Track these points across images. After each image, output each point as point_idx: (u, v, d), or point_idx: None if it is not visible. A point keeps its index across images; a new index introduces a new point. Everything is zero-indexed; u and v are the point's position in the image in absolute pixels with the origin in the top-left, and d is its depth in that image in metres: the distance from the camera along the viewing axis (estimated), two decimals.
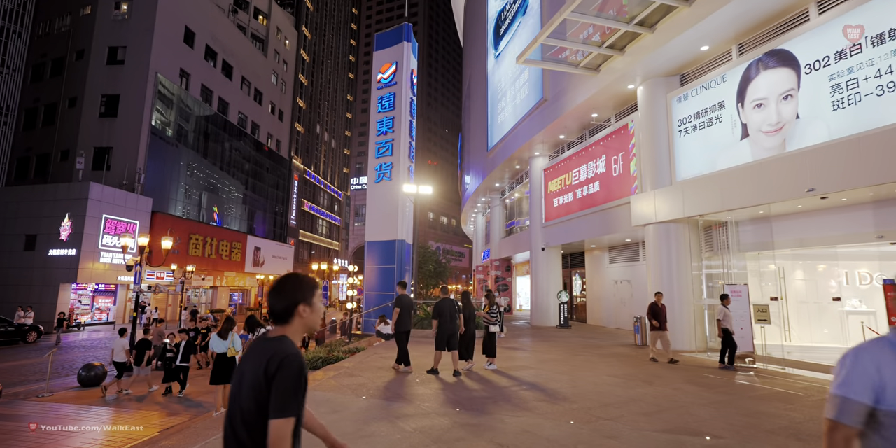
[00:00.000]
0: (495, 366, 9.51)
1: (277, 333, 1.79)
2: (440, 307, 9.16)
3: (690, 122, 12.62)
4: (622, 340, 14.62)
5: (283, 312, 1.81)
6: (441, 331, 9.01)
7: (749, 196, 10.50)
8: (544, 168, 21.15)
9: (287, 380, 1.64)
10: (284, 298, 1.81)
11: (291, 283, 1.84)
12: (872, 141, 8.47)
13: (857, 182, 8.65)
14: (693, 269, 12.84)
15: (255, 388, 1.66)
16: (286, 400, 1.62)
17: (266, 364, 1.66)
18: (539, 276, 20.86)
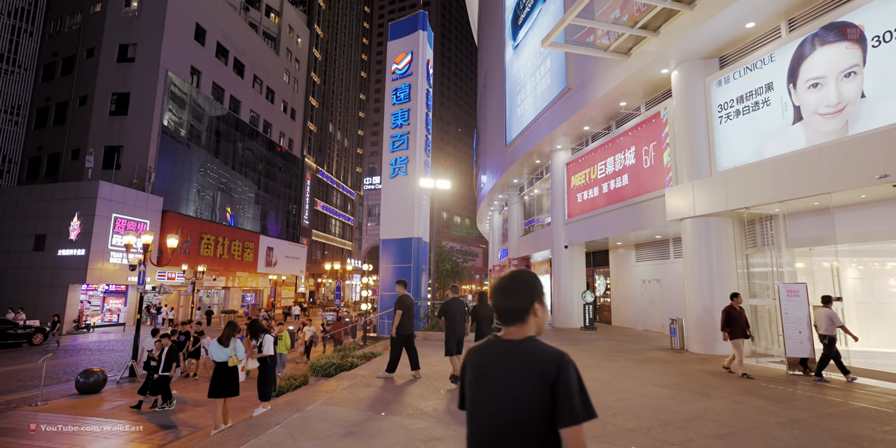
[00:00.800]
0: None
1: (518, 335, 1.69)
2: (448, 308, 8.45)
3: (732, 107, 11.59)
4: (656, 344, 13.61)
5: (522, 311, 1.71)
6: (450, 333, 8.32)
7: (805, 185, 9.46)
8: (567, 162, 20.15)
9: (573, 380, 1.56)
10: (522, 297, 1.72)
11: (524, 281, 1.73)
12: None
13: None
14: (737, 268, 11.79)
15: (528, 397, 1.53)
16: (585, 402, 1.52)
17: (541, 368, 1.55)
18: (561, 275, 19.88)
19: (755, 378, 8.37)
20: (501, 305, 1.71)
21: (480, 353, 1.68)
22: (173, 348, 8.46)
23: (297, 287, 52.56)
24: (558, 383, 1.49)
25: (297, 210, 53.89)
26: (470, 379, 1.64)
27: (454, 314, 8.42)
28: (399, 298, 8.68)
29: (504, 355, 1.60)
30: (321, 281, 62.16)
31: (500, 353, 1.62)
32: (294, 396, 6.97)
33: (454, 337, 8.33)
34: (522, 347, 1.61)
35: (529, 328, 1.71)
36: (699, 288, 11.88)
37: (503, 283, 1.73)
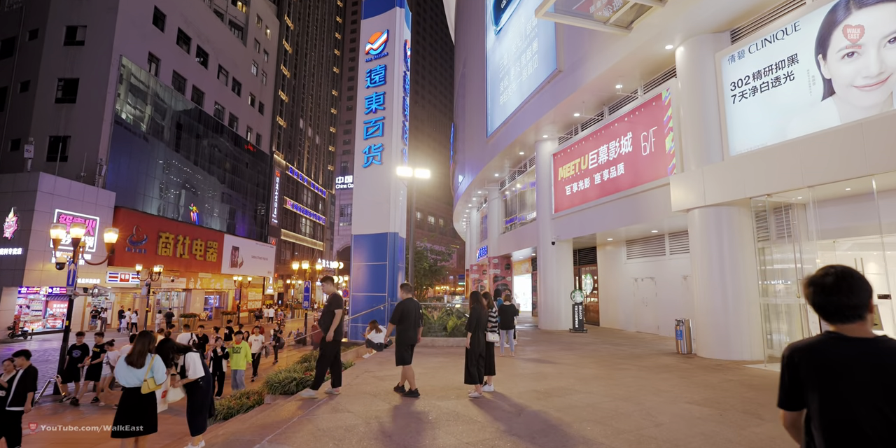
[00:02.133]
0: (492, 386, 7.31)
1: (862, 332, 1.61)
2: (405, 310, 7.13)
3: (748, 84, 10.41)
4: (658, 347, 12.36)
5: (862, 308, 1.62)
6: (404, 340, 7.07)
7: (843, 167, 8.28)
8: (554, 153, 18.87)
9: None
10: (859, 292, 1.62)
11: (856, 276, 1.64)
12: None
13: None
14: (754, 262, 10.61)
15: None
16: None
17: None
18: (548, 273, 18.57)
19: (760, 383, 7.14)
20: (833, 301, 1.62)
21: (827, 354, 1.59)
22: (30, 372, 6.29)
23: (264, 289, 50.12)
24: None
25: (265, 208, 51.44)
26: (821, 379, 1.57)
27: (410, 318, 7.11)
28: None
29: (867, 354, 1.55)
30: (291, 282, 59.76)
31: (859, 352, 1.55)
32: (237, 428, 5.33)
33: (407, 344, 7.06)
34: (885, 345, 1.56)
35: (869, 325, 1.63)
36: (710, 286, 10.66)
37: (830, 281, 1.64)
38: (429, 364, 9.69)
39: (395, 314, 7.10)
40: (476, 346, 6.88)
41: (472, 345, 6.87)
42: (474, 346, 6.87)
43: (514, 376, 8.33)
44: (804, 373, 1.62)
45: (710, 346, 10.51)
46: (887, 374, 1.51)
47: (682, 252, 15.16)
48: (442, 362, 9.92)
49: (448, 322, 13.55)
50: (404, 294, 7.32)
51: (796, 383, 1.66)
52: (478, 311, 7.03)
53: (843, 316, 1.62)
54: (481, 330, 7.03)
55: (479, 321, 6.99)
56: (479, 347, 6.93)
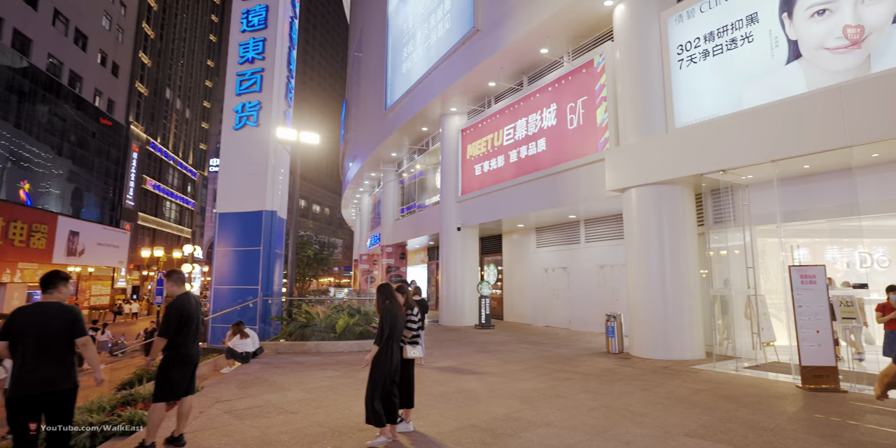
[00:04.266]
0: (411, 425, 4.86)
1: None
2: (182, 313, 4.33)
3: (699, 48, 9.16)
4: (582, 345, 10.92)
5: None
6: (175, 360, 4.31)
7: (816, 138, 7.17)
8: (463, 128, 16.90)
9: None
10: None
11: None
12: None
13: None
14: (696, 250, 9.45)
15: None
16: None
17: None
18: (451, 263, 16.63)
19: (770, 397, 5.79)
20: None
21: None
22: None
23: (114, 281, 42.61)
24: None
25: (118, 188, 43.62)
26: None
27: (192, 324, 4.40)
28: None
29: None
30: (148, 273, 51.95)
31: None
32: None
33: (183, 365, 4.36)
34: None
35: None
36: (648, 276, 9.32)
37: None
38: (311, 383, 7.08)
39: (170, 321, 4.26)
40: (386, 366, 4.49)
41: (379, 364, 4.48)
42: (383, 365, 4.48)
43: (433, 399, 6.07)
44: None
45: (647, 345, 9.17)
46: None
47: (600, 240, 14.03)
48: (331, 379, 7.37)
49: (338, 321, 10.94)
50: (175, 287, 4.51)
51: None
52: (392, 312, 4.62)
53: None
54: (396, 341, 4.65)
55: (395, 328, 4.60)
56: (391, 367, 4.55)
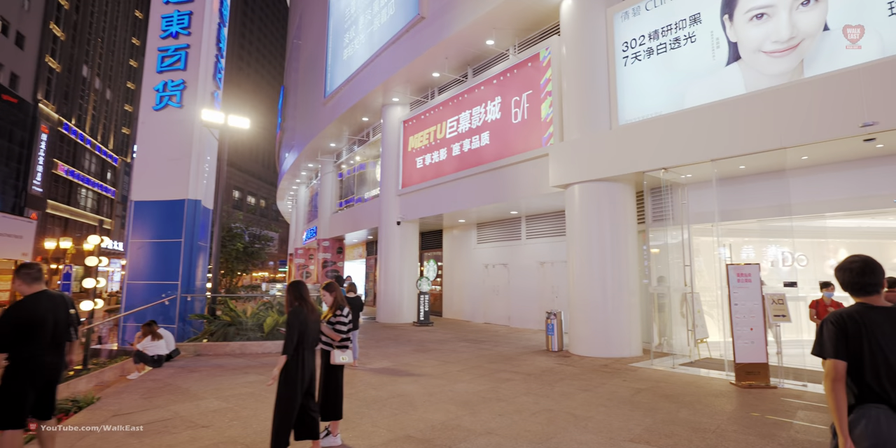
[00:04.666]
0: (339, 439, 4.33)
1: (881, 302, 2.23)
2: (32, 316, 3.55)
3: (643, 45, 9.17)
4: (522, 343, 10.79)
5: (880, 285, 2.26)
6: (21, 376, 3.48)
7: (756, 139, 7.29)
8: (405, 119, 16.38)
9: None
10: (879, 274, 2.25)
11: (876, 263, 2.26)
12: None
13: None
14: (637, 247, 9.50)
15: None
16: None
17: None
18: (390, 258, 16.12)
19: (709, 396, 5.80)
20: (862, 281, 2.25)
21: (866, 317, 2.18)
22: None
23: None
24: None
25: (23, 172, 39.41)
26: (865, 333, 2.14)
27: (46, 327, 3.59)
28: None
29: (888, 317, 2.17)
30: (57, 267, 47.52)
31: (885, 315, 2.18)
32: None
33: (33, 378, 3.53)
34: None
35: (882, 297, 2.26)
36: (589, 273, 9.27)
37: (857, 266, 2.27)
38: (230, 389, 6.40)
39: (5, 327, 3.44)
40: (296, 380, 3.81)
41: (288, 377, 3.80)
42: (293, 378, 3.80)
43: (365, 405, 5.60)
44: (851, 331, 2.17)
45: (587, 343, 9.13)
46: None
47: (541, 237, 14.01)
48: (253, 385, 6.71)
49: (266, 320, 10.19)
50: (25, 285, 3.63)
51: (843, 337, 2.18)
52: (301, 316, 3.90)
53: (867, 291, 2.25)
54: (308, 348, 3.98)
55: (305, 334, 3.91)
56: (304, 379, 3.88)
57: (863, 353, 2.13)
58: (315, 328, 4.06)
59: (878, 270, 2.26)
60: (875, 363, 2.11)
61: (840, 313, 2.24)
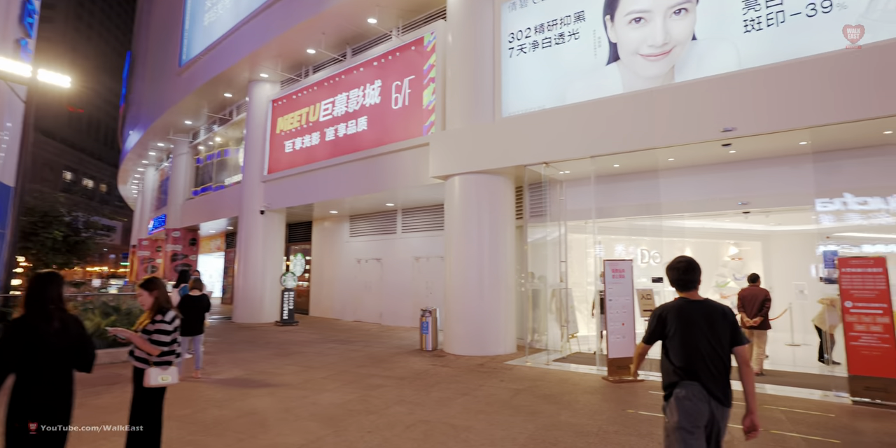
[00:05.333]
0: None
1: (697, 296, 2.65)
2: None
3: (529, 38, 9.05)
4: (395, 342, 10.16)
5: (697, 282, 2.68)
6: None
7: (631, 137, 7.44)
8: (274, 98, 14.82)
9: (737, 320, 2.65)
10: (697, 272, 2.67)
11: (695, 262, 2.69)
12: (806, 70, 6.26)
13: (785, 123, 6.36)
14: (514, 242, 9.37)
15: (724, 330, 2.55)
16: (742, 333, 2.60)
17: (724, 314, 2.58)
18: (251, 252, 14.51)
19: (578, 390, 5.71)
20: (685, 278, 2.65)
21: (683, 309, 2.60)
22: None
23: None
24: (734, 323, 2.58)
25: None
26: (681, 323, 2.55)
27: None
28: None
29: (700, 309, 2.58)
30: None
31: (698, 307, 2.59)
32: None
33: None
34: (709, 304, 2.61)
35: (698, 292, 2.68)
36: (466, 269, 8.92)
37: (683, 265, 2.66)
38: None
39: None
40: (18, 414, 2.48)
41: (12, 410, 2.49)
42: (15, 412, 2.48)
43: (202, 431, 4.52)
44: (669, 321, 2.58)
45: (463, 341, 8.77)
46: (709, 318, 2.54)
47: (417, 231, 13.51)
48: None
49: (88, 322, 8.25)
50: None
51: (661, 328, 2.62)
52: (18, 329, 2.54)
53: (688, 287, 2.65)
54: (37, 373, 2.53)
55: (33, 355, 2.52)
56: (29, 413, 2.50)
57: (680, 339, 2.52)
58: (50, 345, 2.59)
59: (697, 270, 2.66)
60: (687, 348, 2.50)
61: (664, 306, 2.65)
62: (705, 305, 2.59)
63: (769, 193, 7.67)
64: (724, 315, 2.57)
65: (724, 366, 2.50)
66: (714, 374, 2.47)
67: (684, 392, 2.47)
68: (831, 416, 4.97)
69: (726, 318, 2.56)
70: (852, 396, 5.52)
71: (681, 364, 2.51)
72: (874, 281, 5.59)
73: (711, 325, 2.52)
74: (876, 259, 5.65)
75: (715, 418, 2.46)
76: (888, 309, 5.52)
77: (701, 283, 2.70)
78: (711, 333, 2.50)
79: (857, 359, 5.57)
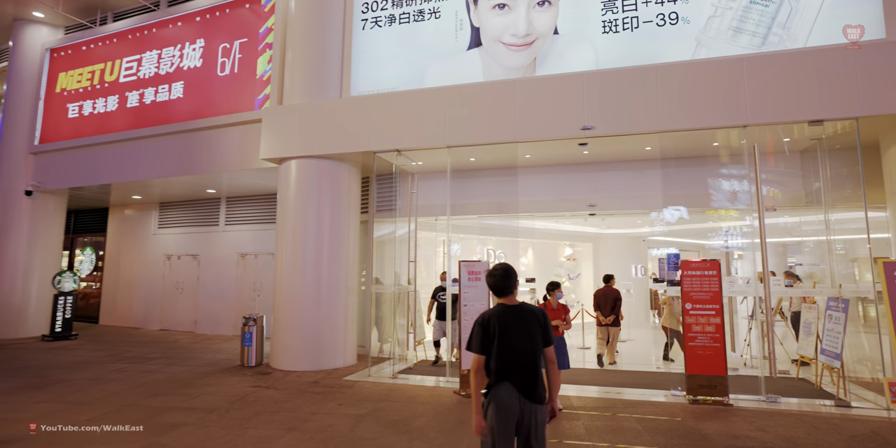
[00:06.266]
0: None
1: (514, 301, 2.75)
2: None
3: (385, 11, 8.09)
4: (208, 357, 8.35)
5: (513, 287, 2.79)
6: None
7: (485, 130, 6.92)
8: (54, 47, 11.53)
9: (548, 321, 2.77)
10: (513, 278, 2.79)
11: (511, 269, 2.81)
12: (656, 76, 6.39)
13: (637, 126, 6.41)
14: (357, 238, 8.29)
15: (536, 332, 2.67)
16: (552, 334, 2.75)
17: (536, 317, 2.70)
18: (10, 244, 11.08)
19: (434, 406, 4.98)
20: (502, 284, 2.74)
21: (503, 315, 2.68)
22: None
23: None
24: (545, 325, 2.71)
25: None
26: (498, 328, 2.63)
27: None
28: None
29: (516, 313, 2.69)
30: None
31: (515, 312, 2.69)
32: None
33: None
34: (524, 307, 2.73)
35: (515, 297, 2.80)
36: (302, 269, 7.61)
37: (499, 272, 2.75)
38: None
39: None
40: None
41: None
42: None
43: None
44: (492, 327, 2.64)
45: (294, 354, 7.44)
46: (523, 321, 2.67)
47: (244, 223, 11.64)
48: None
49: None
50: None
51: (488, 335, 2.65)
52: None
53: (505, 293, 2.75)
54: None
55: None
56: None
57: (498, 343, 2.61)
58: None
59: (513, 276, 2.79)
60: (503, 351, 2.60)
61: (484, 314, 2.73)
62: (521, 309, 2.71)
63: (615, 196, 7.84)
64: (537, 318, 2.70)
65: (535, 366, 2.64)
66: (526, 374, 2.61)
67: (499, 392, 2.58)
68: (678, 420, 4.94)
69: (539, 320, 2.70)
70: (689, 395, 5.67)
71: (497, 367, 2.61)
72: (710, 283, 5.82)
73: (526, 327, 2.66)
74: (712, 262, 5.89)
75: (525, 416, 2.58)
76: (720, 310, 5.78)
77: (517, 288, 2.84)
78: (526, 336, 2.64)
79: (694, 359, 5.74)
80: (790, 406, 5.52)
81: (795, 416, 5.10)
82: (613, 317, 7.50)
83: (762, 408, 5.42)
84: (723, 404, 5.51)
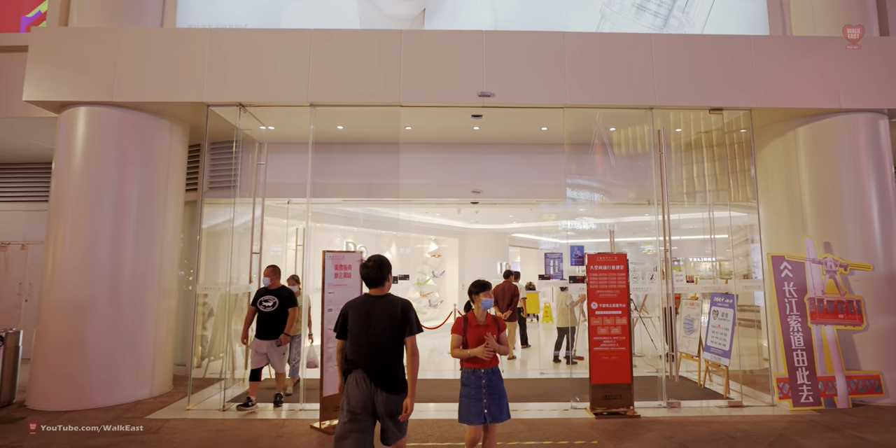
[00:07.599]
0: None
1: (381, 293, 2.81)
2: None
3: None
4: None
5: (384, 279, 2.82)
6: None
7: (360, 88, 5.47)
8: None
9: (412, 313, 2.78)
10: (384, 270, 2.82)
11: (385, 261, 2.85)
12: (563, 44, 5.63)
13: (546, 98, 5.55)
14: (178, 220, 6.17)
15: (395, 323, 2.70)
16: (417, 325, 2.79)
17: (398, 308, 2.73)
18: None
19: None
20: (373, 275, 2.78)
21: (361, 305, 2.77)
22: None
23: None
24: (408, 316, 2.72)
25: None
26: (353, 317, 2.72)
27: None
28: None
29: (378, 304, 2.75)
30: None
31: (376, 302, 2.76)
32: None
33: None
34: (389, 298, 2.78)
35: (386, 289, 2.84)
36: (92, 261, 5.29)
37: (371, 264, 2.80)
38: None
39: None
40: None
41: None
42: None
43: None
44: (351, 316, 2.74)
45: (72, 385, 5.06)
46: (383, 310, 2.70)
47: (9, 201, 8.42)
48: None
49: None
50: None
51: (345, 322, 2.76)
52: None
53: (375, 284, 2.80)
54: None
55: None
56: None
57: (352, 332, 2.71)
58: None
59: (387, 268, 2.85)
60: (358, 340, 2.68)
61: (348, 303, 2.83)
62: (385, 300, 2.75)
63: (503, 183, 6.96)
64: (401, 308, 2.73)
65: (392, 356, 2.68)
66: (380, 363, 2.64)
67: (352, 379, 2.65)
68: (595, 445, 4.09)
69: (402, 311, 2.72)
70: (594, 407, 4.92)
71: (352, 355, 2.69)
72: (617, 279, 5.17)
73: (386, 318, 2.68)
74: (619, 255, 5.25)
75: (379, 405, 2.60)
76: (626, 309, 5.16)
77: (389, 280, 2.85)
78: (383, 326, 2.67)
79: (599, 365, 5.02)
80: (692, 411, 5.10)
81: (705, 425, 4.63)
82: (510, 312, 7.61)
83: (668, 417, 4.89)
84: (629, 416, 4.86)
